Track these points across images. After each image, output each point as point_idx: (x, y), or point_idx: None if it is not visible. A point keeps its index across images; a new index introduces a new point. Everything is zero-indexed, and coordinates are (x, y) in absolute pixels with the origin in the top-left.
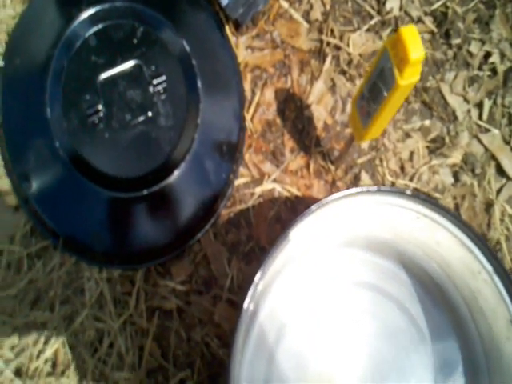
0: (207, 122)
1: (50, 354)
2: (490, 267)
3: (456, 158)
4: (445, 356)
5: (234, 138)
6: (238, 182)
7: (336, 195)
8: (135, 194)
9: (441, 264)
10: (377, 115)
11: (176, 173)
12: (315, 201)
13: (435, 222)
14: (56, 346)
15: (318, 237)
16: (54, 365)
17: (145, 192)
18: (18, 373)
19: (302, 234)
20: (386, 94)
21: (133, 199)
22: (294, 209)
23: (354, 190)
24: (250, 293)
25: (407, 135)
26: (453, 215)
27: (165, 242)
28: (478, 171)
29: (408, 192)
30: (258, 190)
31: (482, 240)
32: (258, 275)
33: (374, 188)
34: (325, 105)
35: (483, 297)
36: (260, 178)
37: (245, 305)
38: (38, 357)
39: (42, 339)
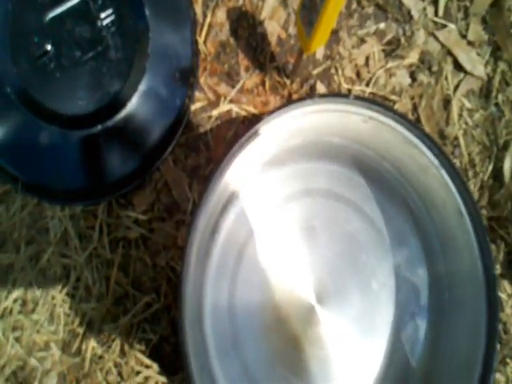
0: (158, 51)
1: (18, 293)
2: (436, 161)
3: (412, 57)
4: (405, 253)
5: (187, 63)
6: (195, 106)
7: (269, 116)
8: (90, 130)
9: (393, 163)
10: (318, 23)
11: (129, 105)
12: None
13: (381, 123)
14: (24, 285)
15: (266, 155)
16: (23, 303)
17: (99, 127)
18: None
19: (249, 154)
20: None
21: (88, 135)
22: (251, 127)
23: (285, 108)
24: (200, 209)
25: (362, 40)
26: (397, 114)
27: (125, 174)
28: (434, 69)
29: (351, 97)
30: (215, 112)
31: (426, 135)
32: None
33: (309, 100)
34: (278, 19)
35: (434, 191)
36: (216, 101)
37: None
38: (6, 298)
39: (10, 280)
